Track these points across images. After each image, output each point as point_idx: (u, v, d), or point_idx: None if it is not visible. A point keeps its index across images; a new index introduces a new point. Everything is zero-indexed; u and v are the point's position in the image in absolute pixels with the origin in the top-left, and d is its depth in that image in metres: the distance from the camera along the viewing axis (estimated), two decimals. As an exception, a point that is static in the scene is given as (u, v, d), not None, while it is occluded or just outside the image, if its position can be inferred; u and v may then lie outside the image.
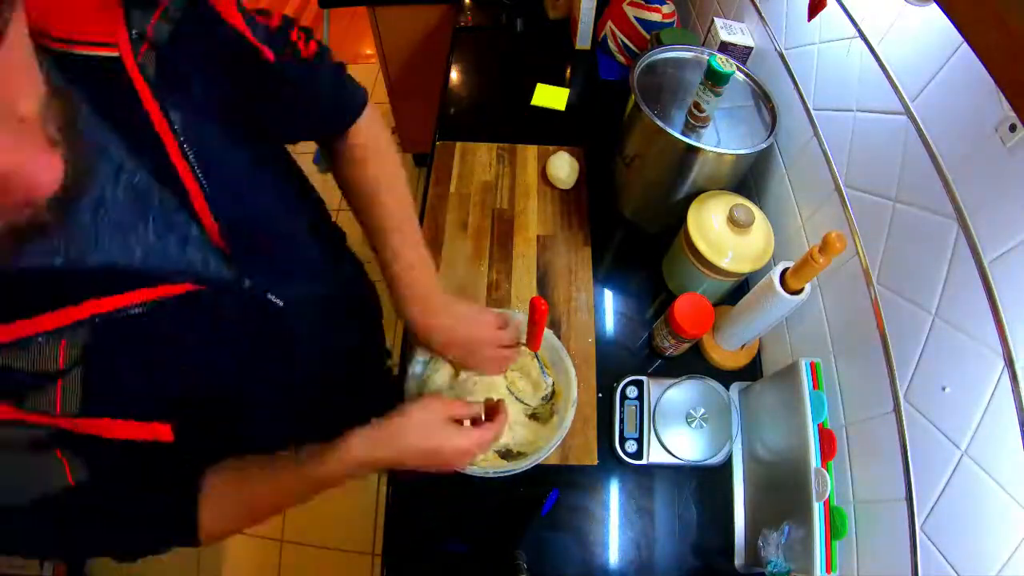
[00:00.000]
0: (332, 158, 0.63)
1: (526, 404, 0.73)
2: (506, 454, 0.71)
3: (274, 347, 0.54)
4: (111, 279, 0.35)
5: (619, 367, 0.84)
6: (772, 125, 0.79)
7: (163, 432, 0.40)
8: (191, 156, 0.40)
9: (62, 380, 0.33)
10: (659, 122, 0.76)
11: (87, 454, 0.37)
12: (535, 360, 0.72)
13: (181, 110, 0.39)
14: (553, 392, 0.73)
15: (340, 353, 0.71)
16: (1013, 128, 0.44)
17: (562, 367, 0.72)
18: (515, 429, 0.72)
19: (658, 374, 0.83)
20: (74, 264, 0.33)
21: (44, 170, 0.26)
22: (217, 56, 0.44)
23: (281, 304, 0.51)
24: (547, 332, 0.73)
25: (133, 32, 0.37)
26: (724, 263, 0.76)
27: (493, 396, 0.72)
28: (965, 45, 0.46)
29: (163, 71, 0.39)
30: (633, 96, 0.81)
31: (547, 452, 0.65)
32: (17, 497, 0.34)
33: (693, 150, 0.76)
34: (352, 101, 0.60)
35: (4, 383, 0.31)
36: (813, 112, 0.75)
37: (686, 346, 0.82)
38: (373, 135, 0.63)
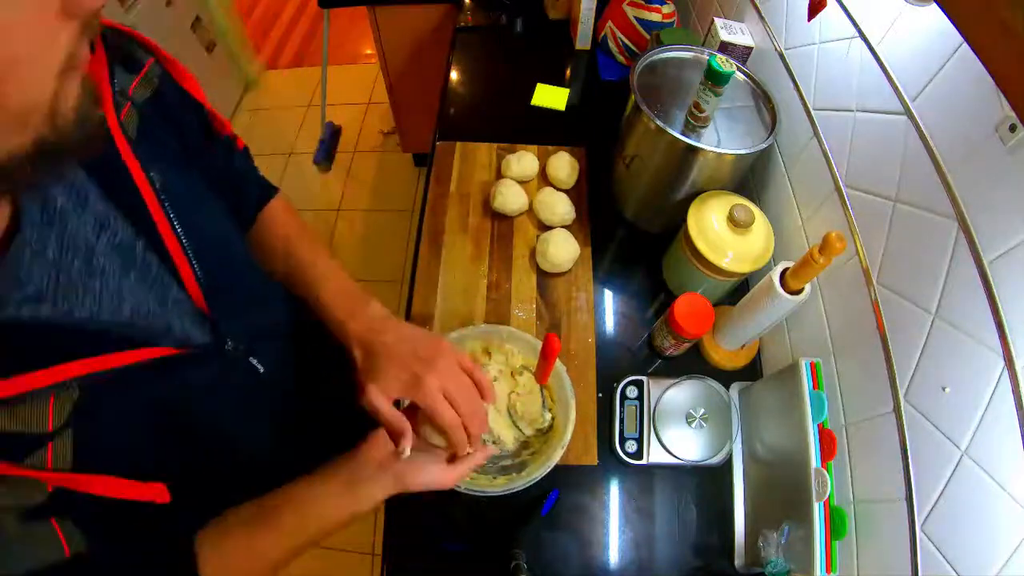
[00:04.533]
0: (256, 251, 0.61)
1: (520, 431, 0.72)
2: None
3: (259, 409, 0.53)
4: (98, 337, 0.34)
5: (619, 367, 0.84)
6: (772, 125, 0.79)
7: (159, 492, 0.39)
8: (172, 216, 0.40)
9: (52, 442, 0.31)
10: (659, 122, 0.76)
11: (84, 522, 0.34)
12: (541, 392, 0.72)
13: (160, 171, 0.40)
14: (550, 427, 0.73)
15: (328, 411, 0.70)
16: (1013, 128, 0.44)
17: (565, 406, 0.71)
18: (501, 437, 0.72)
19: (658, 374, 0.83)
20: (62, 317, 0.32)
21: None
22: (186, 121, 0.47)
23: (262, 370, 0.51)
24: (561, 369, 0.72)
25: (116, 90, 0.39)
26: (724, 263, 0.76)
27: (491, 417, 0.72)
28: (965, 45, 0.46)
29: (143, 131, 0.40)
30: (633, 96, 0.81)
31: (526, 484, 0.65)
32: (7, 569, 0.31)
33: (693, 150, 0.76)
34: (263, 187, 0.63)
35: None
36: (813, 112, 0.75)
37: (686, 346, 0.82)
38: (289, 221, 0.64)
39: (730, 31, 0.92)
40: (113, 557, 0.38)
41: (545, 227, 0.96)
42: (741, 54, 0.91)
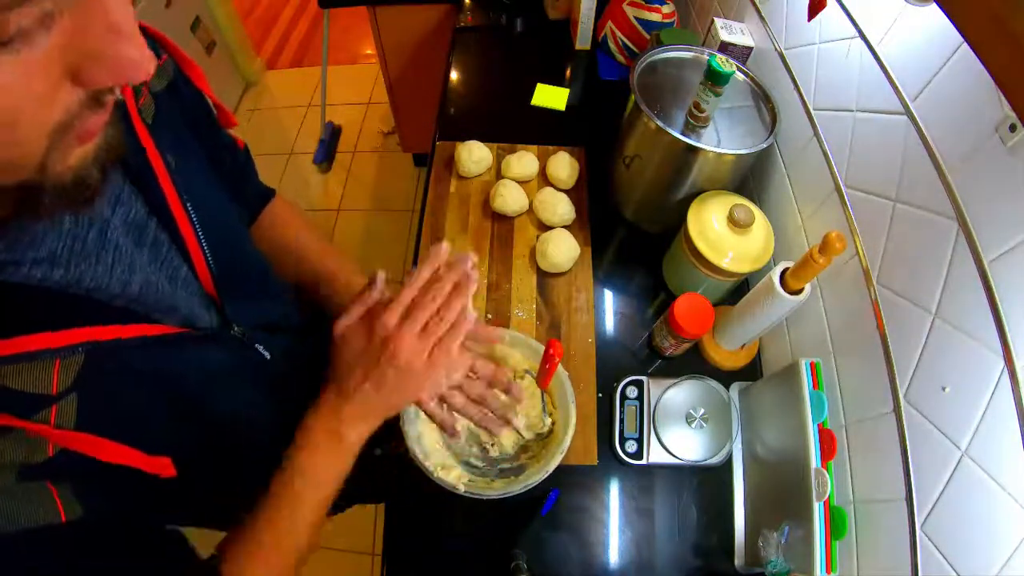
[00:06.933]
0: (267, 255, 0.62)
1: (520, 435, 0.72)
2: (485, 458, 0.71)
3: (264, 398, 0.53)
4: (106, 308, 0.35)
5: (619, 367, 0.84)
6: (772, 125, 0.79)
7: (164, 466, 0.39)
8: (186, 199, 0.41)
9: (56, 405, 0.32)
10: (659, 122, 0.76)
11: (81, 488, 0.34)
12: (542, 396, 0.72)
13: (174, 156, 0.42)
14: (550, 432, 0.73)
15: None
16: (1013, 128, 0.44)
17: (566, 411, 0.71)
18: (500, 440, 0.71)
19: (658, 374, 0.83)
20: (73, 283, 0.33)
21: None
22: (196, 113, 0.49)
23: (268, 356, 0.52)
24: (563, 374, 0.72)
25: None
26: (724, 263, 0.76)
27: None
28: (965, 45, 0.46)
29: (159, 118, 0.42)
30: (633, 96, 0.81)
31: (523, 488, 0.65)
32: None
33: (693, 150, 0.76)
34: (262, 188, 0.66)
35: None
36: (813, 112, 0.75)
37: (686, 346, 0.82)
38: (290, 220, 0.68)
39: (730, 31, 0.92)
40: (113, 538, 0.38)
41: (545, 227, 0.96)
42: (741, 54, 0.91)
